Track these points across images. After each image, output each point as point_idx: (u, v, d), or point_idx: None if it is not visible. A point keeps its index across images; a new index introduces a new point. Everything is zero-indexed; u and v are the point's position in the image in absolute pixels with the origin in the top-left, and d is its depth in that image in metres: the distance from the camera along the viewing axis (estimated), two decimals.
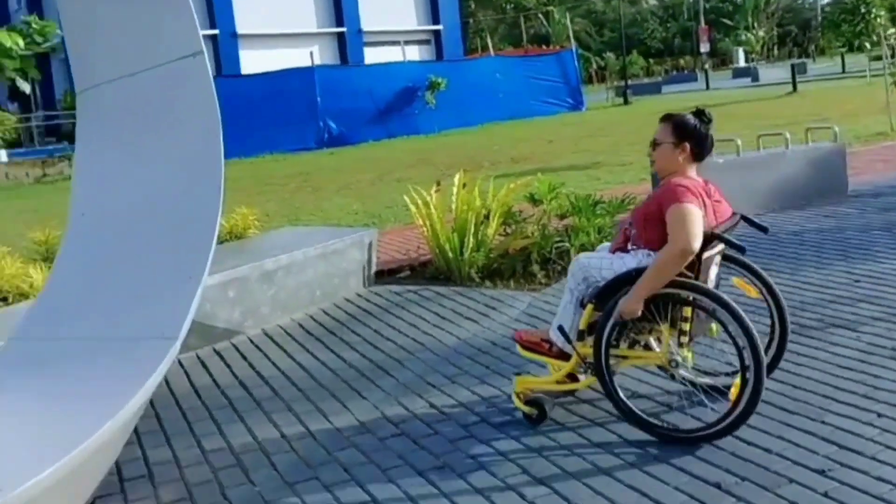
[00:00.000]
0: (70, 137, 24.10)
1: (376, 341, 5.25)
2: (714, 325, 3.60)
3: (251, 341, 5.46)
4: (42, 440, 2.81)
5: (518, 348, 4.01)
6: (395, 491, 3.27)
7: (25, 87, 8.11)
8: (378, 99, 25.23)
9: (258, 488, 3.41)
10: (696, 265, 3.43)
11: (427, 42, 31.21)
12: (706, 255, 3.45)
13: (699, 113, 3.70)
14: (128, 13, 3.86)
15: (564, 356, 3.77)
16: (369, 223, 10.06)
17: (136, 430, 4.08)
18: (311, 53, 25.43)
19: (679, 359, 3.53)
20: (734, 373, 3.51)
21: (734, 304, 3.35)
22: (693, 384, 3.75)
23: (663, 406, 3.79)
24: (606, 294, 3.54)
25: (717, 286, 3.70)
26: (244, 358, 5.17)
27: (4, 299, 5.32)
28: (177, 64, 3.73)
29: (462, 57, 30.88)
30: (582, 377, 3.77)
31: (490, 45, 33.01)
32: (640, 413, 3.53)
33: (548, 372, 4.02)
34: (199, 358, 5.20)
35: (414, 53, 29.77)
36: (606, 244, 4.21)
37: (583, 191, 8.57)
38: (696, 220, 3.37)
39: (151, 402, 4.45)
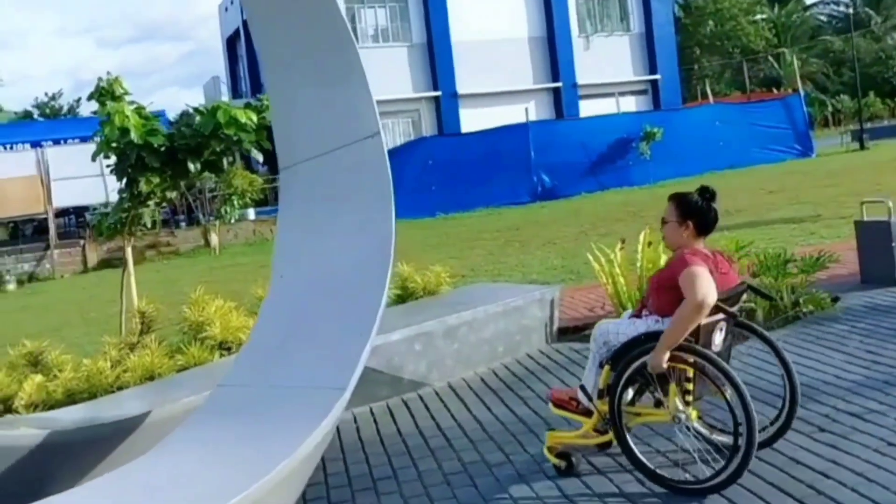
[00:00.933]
0: None
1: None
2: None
3: (436, 393, 5.87)
4: (229, 472, 3.33)
5: (550, 405, 4.38)
6: None
7: (259, 157, 9.14)
8: (591, 151, 25.44)
9: None
10: (696, 330, 3.74)
11: (643, 92, 31.08)
12: (706, 321, 3.76)
13: (703, 190, 4.03)
14: (321, 99, 4.46)
15: (589, 413, 4.11)
16: (567, 279, 10.29)
17: (324, 469, 4.59)
18: (526, 110, 26.19)
19: (683, 416, 3.78)
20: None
21: (730, 370, 3.67)
22: (708, 441, 4.02)
23: (678, 460, 3.97)
24: (620, 356, 3.89)
25: (727, 352, 3.99)
26: (427, 409, 5.58)
27: (228, 349, 6.10)
28: (359, 144, 4.26)
29: (679, 106, 30.41)
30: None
31: (709, 92, 32.24)
32: (649, 465, 3.87)
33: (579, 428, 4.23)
34: (388, 407, 5.68)
35: (630, 104, 29.76)
36: (630, 311, 4.53)
37: (792, 247, 8.31)
38: (707, 278, 3.72)
39: (340, 446, 4.98)
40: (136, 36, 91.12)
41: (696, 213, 3.97)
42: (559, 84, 29.72)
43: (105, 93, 8.88)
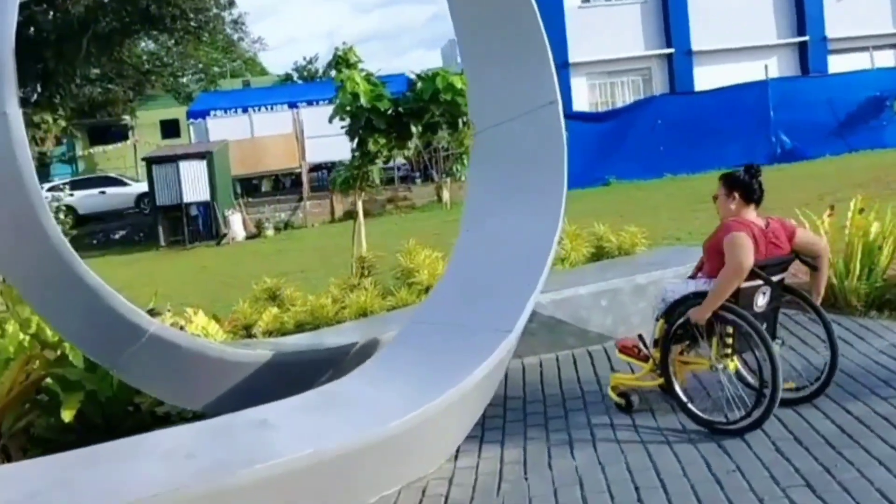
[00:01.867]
0: None
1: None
2: (775, 344, 4.33)
3: None
4: (409, 393, 3.93)
5: (616, 352, 5.02)
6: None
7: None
8: (838, 110, 23.64)
9: (575, 463, 4.15)
10: (737, 292, 4.23)
11: None
12: (745, 285, 4.23)
13: (748, 168, 4.58)
14: (506, 70, 4.88)
15: (647, 359, 4.73)
16: None
17: (504, 405, 5.10)
18: (766, 67, 24.81)
19: (721, 366, 4.31)
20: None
21: (763, 331, 4.17)
22: (750, 386, 4.50)
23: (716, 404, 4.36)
24: (672, 311, 4.45)
25: (773, 313, 4.51)
26: (609, 360, 5.90)
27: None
28: (539, 111, 4.64)
29: None
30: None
31: None
32: (691, 408, 4.38)
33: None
34: (573, 356, 6.07)
35: (888, 58, 27.16)
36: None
37: None
38: (745, 244, 4.20)
39: (523, 385, 5.46)
40: (384, 0, 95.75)
41: (740, 185, 4.49)
42: (806, 38, 27.72)
43: (341, 61, 9.85)
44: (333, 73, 10.26)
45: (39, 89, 33.08)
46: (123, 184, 28.61)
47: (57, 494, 3.38)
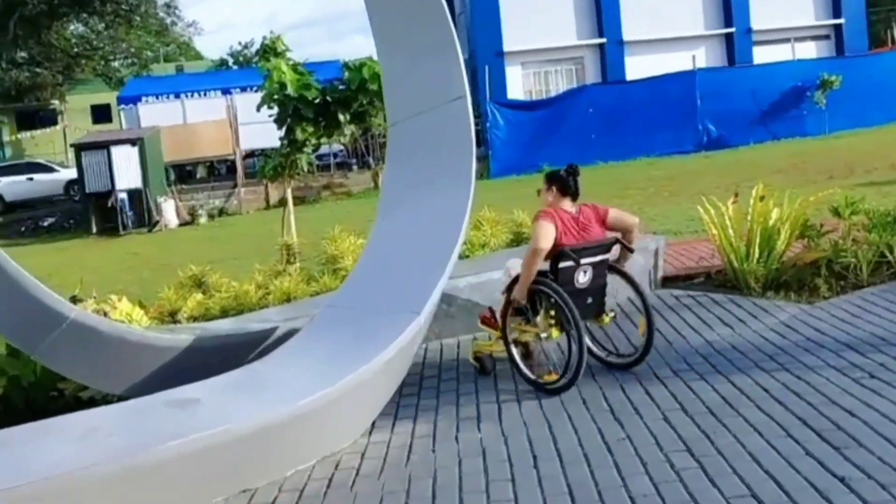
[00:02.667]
0: None
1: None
2: (605, 316, 5.27)
3: None
4: (327, 373, 4.14)
5: (478, 322, 5.64)
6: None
7: None
8: (762, 100, 24.48)
9: (481, 435, 4.42)
10: (556, 271, 4.92)
11: (825, 38, 29.25)
12: (562, 265, 4.91)
13: (568, 167, 5.21)
14: (418, 65, 5.10)
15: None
16: (701, 230, 10.45)
17: (420, 384, 5.34)
18: (693, 57, 25.50)
19: (545, 335, 4.97)
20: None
21: (573, 307, 4.76)
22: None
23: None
24: (510, 287, 5.08)
25: (599, 290, 5.18)
26: None
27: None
28: (448, 105, 4.88)
29: (865, 52, 28.44)
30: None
31: None
32: (522, 368, 5.05)
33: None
34: (490, 337, 6.32)
35: (809, 50, 28.17)
36: None
37: None
38: (543, 230, 4.88)
39: (439, 364, 5.71)
40: None
41: (557, 180, 5.15)
42: (732, 30, 28.60)
43: (269, 49, 9.94)
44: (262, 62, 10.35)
45: None
46: (52, 170, 28.02)
47: None
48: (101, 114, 37.93)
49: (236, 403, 4.04)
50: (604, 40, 27.90)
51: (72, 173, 26.43)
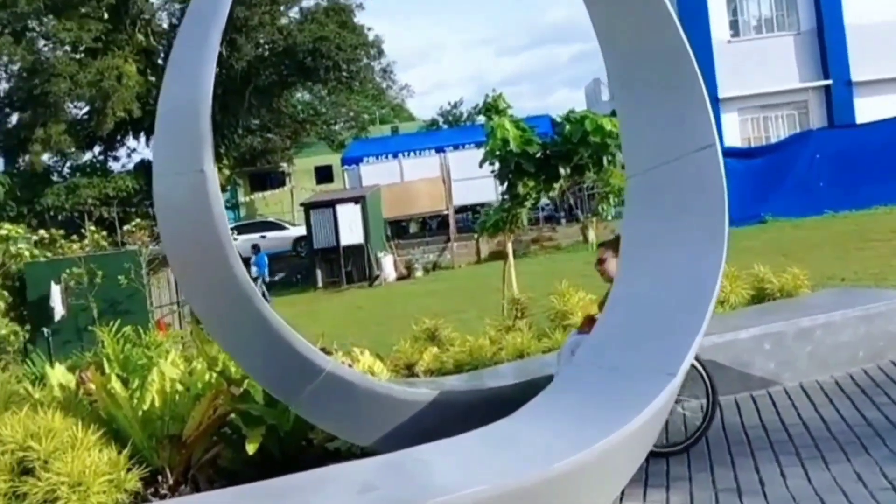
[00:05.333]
0: None
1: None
2: None
3: (785, 392, 6.00)
4: (577, 436, 4.01)
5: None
6: None
7: (623, 159, 9.85)
8: None
9: None
10: None
11: None
12: None
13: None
14: (665, 110, 4.93)
15: None
16: None
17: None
18: None
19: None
20: None
21: None
22: None
23: None
24: None
25: None
26: (773, 405, 5.76)
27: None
28: (697, 154, 4.66)
29: None
30: None
31: None
32: None
33: None
34: (736, 402, 5.95)
35: None
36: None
37: None
38: None
39: (685, 430, 5.41)
40: (531, 41, 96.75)
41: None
42: None
43: (490, 107, 10.15)
44: (482, 119, 10.56)
45: None
46: (282, 227, 30.15)
47: None
48: (323, 174, 40.55)
49: (491, 462, 3.99)
50: (829, 82, 26.22)
51: (299, 230, 28.30)
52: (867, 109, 25.09)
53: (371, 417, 5.26)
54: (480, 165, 10.28)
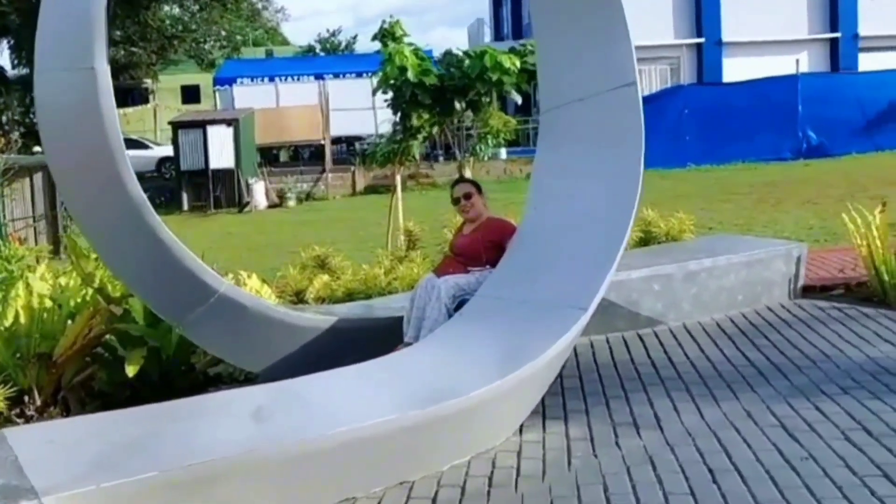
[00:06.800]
0: None
1: (783, 347, 5.60)
2: None
3: (670, 331, 6.18)
4: (483, 370, 3.94)
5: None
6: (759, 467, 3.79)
7: (517, 99, 9.72)
8: (868, 109, 23.51)
9: (643, 442, 4.18)
10: None
11: None
12: None
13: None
14: (583, 46, 4.84)
15: None
16: (822, 240, 10.00)
17: (561, 383, 5.11)
18: (797, 61, 24.64)
19: None
20: None
21: None
22: None
23: None
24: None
25: None
26: (661, 344, 5.91)
27: None
28: (616, 92, 4.61)
29: None
30: None
31: None
32: None
33: None
34: (623, 339, 6.07)
35: None
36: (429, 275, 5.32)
37: None
38: None
39: (577, 364, 5.48)
40: None
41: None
42: (837, 35, 27.51)
43: (387, 34, 9.80)
44: (370, 47, 10.21)
45: None
46: (145, 146, 28.61)
47: (152, 443, 3.41)
48: (190, 94, 38.71)
49: (403, 391, 3.88)
50: (702, 40, 27.15)
51: (164, 150, 26.94)
52: (734, 69, 26.21)
53: (263, 342, 5.04)
54: (374, 93, 9.97)
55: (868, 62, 26.89)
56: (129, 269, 4.56)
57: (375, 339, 5.21)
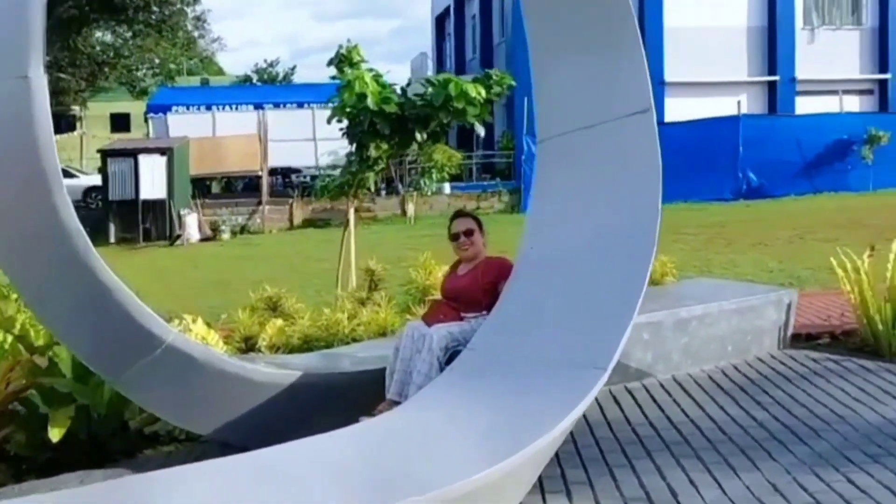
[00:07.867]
0: (502, 175, 26.55)
1: (790, 406, 5.14)
2: None
3: (661, 385, 5.67)
4: (480, 445, 3.32)
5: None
6: None
7: (481, 131, 9.22)
8: (806, 151, 23.91)
9: None
10: None
11: (869, 92, 28.69)
12: None
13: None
14: (591, 70, 4.34)
15: None
16: (786, 283, 9.70)
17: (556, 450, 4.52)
18: (739, 103, 24.96)
19: None
20: None
21: None
22: None
23: None
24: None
25: None
26: (654, 401, 5.39)
27: None
28: (629, 119, 4.11)
29: None
30: None
31: None
32: None
33: None
34: (611, 393, 5.53)
35: (853, 104, 27.58)
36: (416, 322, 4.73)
37: None
38: None
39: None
40: (350, 11, 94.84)
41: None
42: (776, 78, 27.99)
43: (344, 59, 9.20)
44: (333, 70, 9.59)
45: None
46: (71, 175, 27.27)
47: None
48: (120, 122, 37.47)
49: (367, 481, 3.18)
50: None
51: (90, 179, 25.71)
52: (676, 109, 26.37)
53: (214, 400, 4.36)
54: (329, 121, 9.31)
55: (805, 105, 27.42)
56: (60, 317, 3.83)
57: (347, 397, 4.56)
